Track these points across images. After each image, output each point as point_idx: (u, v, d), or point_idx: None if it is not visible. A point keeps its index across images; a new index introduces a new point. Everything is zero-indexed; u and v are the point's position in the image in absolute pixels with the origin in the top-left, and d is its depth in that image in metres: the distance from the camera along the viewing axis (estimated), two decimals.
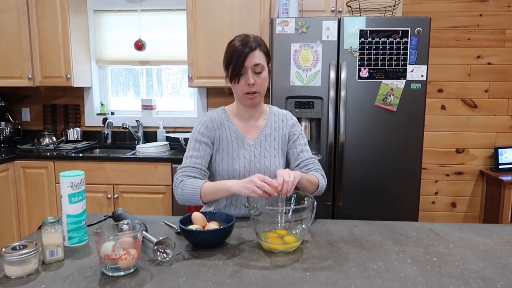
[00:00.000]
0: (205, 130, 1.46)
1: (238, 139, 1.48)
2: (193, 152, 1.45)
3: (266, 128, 1.51)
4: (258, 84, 1.39)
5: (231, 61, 1.38)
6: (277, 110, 1.57)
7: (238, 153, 1.46)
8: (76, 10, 3.01)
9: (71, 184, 1.15)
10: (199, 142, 1.45)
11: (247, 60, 1.36)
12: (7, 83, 2.98)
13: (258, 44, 1.38)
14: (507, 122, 3.13)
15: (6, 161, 2.70)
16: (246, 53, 1.35)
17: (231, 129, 1.49)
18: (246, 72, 1.37)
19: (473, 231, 1.32)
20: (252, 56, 1.36)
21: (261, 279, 0.97)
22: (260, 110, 1.52)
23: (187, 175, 1.41)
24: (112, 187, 2.72)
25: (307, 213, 1.15)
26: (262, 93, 1.44)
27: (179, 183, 1.40)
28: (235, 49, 1.37)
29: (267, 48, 1.43)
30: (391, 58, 2.25)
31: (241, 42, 1.37)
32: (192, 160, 1.43)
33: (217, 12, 2.76)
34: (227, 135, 1.48)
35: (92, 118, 3.33)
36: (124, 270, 0.98)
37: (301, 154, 1.52)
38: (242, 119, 1.51)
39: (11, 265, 0.96)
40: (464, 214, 3.24)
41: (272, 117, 1.54)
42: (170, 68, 3.36)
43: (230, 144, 1.47)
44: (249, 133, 1.50)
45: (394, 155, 2.32)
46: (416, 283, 0.95)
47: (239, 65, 1.36)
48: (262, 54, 1.40)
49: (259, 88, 1.41)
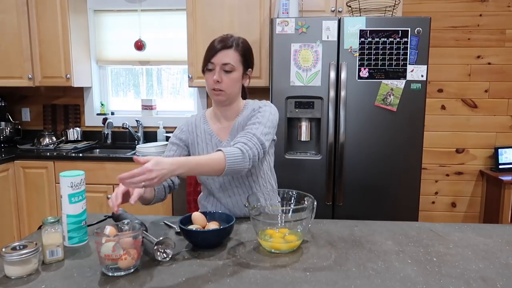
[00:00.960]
0: (179, 133, 1.53)
1: (212, 141, 1.48)
2: (166, 153, 1.52)
3: (234, 126, 1.46)
4: (225, 82, 1.38)
5: (204, 55, 1.41)
6: (253, 103, 1.48)
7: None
8: (76, 10, 3.01)
9: (71, 184, 1.15)
10: (172, 143, 1.52)
11: (216, 57, 1.37)
12: (7, 83, 2.98)
13: (235, 44, 1.39)
14: (507, 122, 3.13)
15: (6, 161, 2.70)
16: (217, 49, 1.37)
17: (206, 131, 1.49)
18: (214, 69, 1.39)
19: (473, 231, 1.32)
20: (223, 54, 1.37)
21: (261, 279, 0.97)
22: (235, 110, 1.48)
23: None
24: (112, 187, 2.72)
25: (307, 213, 1.15)
26: (229, 93, 1.40)
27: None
28: (211, 44, 1.40)
29: (246, 51, 1.42)
30: (391, 58, 2.25)
31: (219, 39, 1.40)
32: None
33: (217, 12, 2.76)
34: (201, 138, 1.49)
35: (92, 118, 3.33)
36: (124, 270, 0.98)
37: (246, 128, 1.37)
38: (217, 120, 1.50)
39: (11, 265, 0.96)
40: (464, 214, 3.24)
41: (245, 112, 1.47)
42: (170, 68, 3.36)
43: (205, 147, 1.48)
44: (221, 134, 1.49)
45: (394, 155, 2.32)
46: (416, 283, 0.95)
47: (208, 60, 1.39)
48: (236, 54, 1.39)
49: (225, 87, 1.39)
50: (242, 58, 1.41)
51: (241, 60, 1.41)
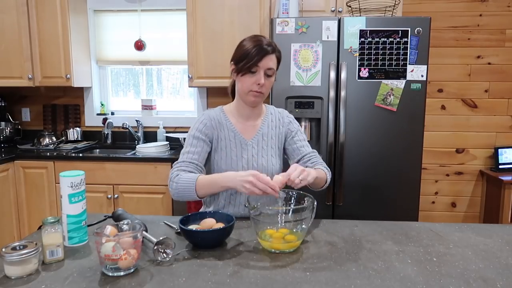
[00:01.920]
0: (204, 128, 1.46)
1: (236, 138, 1.48)
2: (190, 148, 1.44)
3: (263, 127, 1.52)
4: (265, 86, 1.41)
5: (245, 56, 1.37)
6: (273, 109, 1.59)
7: (236, 152, 1.47)
8: (76, 10, 3.01)
9: (71, 184, 1.15)
10: (197, 138, 1.45)
11: (263, 61, 1.37)
12: (7, 83, 2.98)
13: (274, 48, 1.41)
14: (507, 122, 3.13)
15: (6, 161, 2.70)
16: (264, 53, 1.37)
17: (229, 128, 1.49)
18: (258, 72, 1.38)
19: (473, 231, 1.32)
20: (269, 59, 1.38)
21: (261, 279, 0.97)
22: (259, 111, 1.53)
23: (182, 170, 1.39)
24: (112, 187, 2.72)
25: (307, 213, 1.15)
26: (266, 95, 1.46)
27: (175, 177, 1.36)
28: (253, 47, 1.37)
29: (280, 54, 1.46)
30: (391, 58, 2.25)
31: (259, 42, 1.38)
32: (189, 156, 1.42)
33: (217, 12, 2.76)
34: (225, 135, 1.48)
35: (92, 118, 3.33)
36: (124, 270, 0.98)
37: (302, 149, 1.54)
38: (241, 118, 1.51)
39: (11, 265, 0.96)
40: (464, 214, 3.24)
41: (269, 116, 1.55)
42: (170, 68, 3.36)
43: (229, 144, 1.48)
44: (246, 132, 1.50)
45: (394, 155, 2.32)
46: (416, 283, 0.95)
47: (254, 63, 1.36)
48: (275, 59, 1.42)
49: (265, 90, 1.43)
50: (277, 63, 1.45)
51: (277, 64, 1.45)
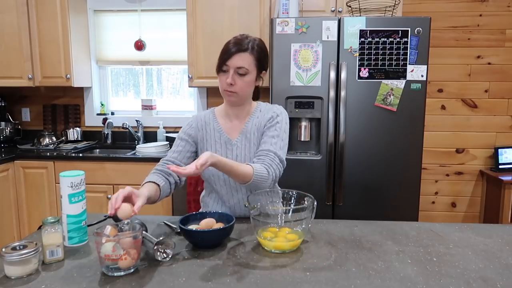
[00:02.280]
0: (188, 129, 1.52)
1: (222, 139, 1.48)
2: (174, 147, 1.51)
3: (247, 125, 1.48)
4: (238, 85, 1.39)
5: (220, 56, 1.40)
6: (265, 106, 1.52)
7: (221, 152, 1.47)
8: (76, 10, 3.01)
9: (71, 184, 1.15)
10: (181, 139, 1.51)
11: (231, 60, 1.37)
12: (7, 83, 2.98)
13: (251, 47, 1.38)
14: (507, 122, 3.13)
15: (6, 161, 2.70)
16: (232, 52, 1.37)
17: (215, 129, 1.50)
18: (228, 71, 1.39)
19: (473, 231, 1.32)
20: (238, 57, 1.37)
21: (261, 279, 0.97)
22: (246, 110, 1.51)
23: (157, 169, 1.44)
24: (112, 187, 2.72)
25: (307, 213, 1.15)
26: (242, 95, 1.43)
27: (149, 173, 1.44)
28: (227, 45, 1.40)
29: (261, 54, 1.42)
30: (391, 58, 2.25)
31: (235, 40, 1.39)
32: (170, 154, 1.49)
33: (217, 12, 2.76)
34: (211, 135, 1.49)
35: (92, 118, 3.33)
36: (124, 270, 0.98)
37: (262, 145, 1.42)
38: (228, 118, 1.51)
39: (11, 265, 0.96)
40: (464, 214, 3.24)
41: (257, 113, 1.50)
42: (170, 68, 3.36)
43: (214, 144, 1.49)
44: (232, 132, 1.49)
45: (394, 155, 2.32)
46: (416, 283, 0.95)
47: (223, 62, 1.39)
48: (251, 58, 1.38)
49: (239, 90, 1.40)
50: (257, 62, 1.41)
51: (255, 63, 1.41)
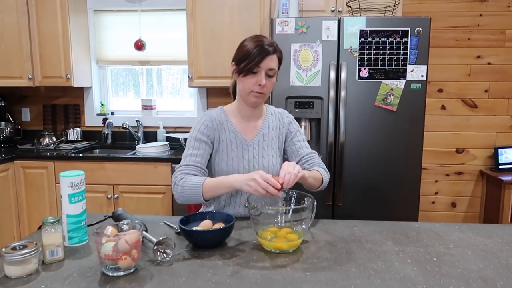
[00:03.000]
0: (205, 129, 1.46)
1: (237, 139, 1.48)
2: (193, 150, 1.43)
3: (263, 127, 1.52)
4: (267, 86, 1.41)
5: (247, 57, 1.36)
6: (273, 110, 1.59)
7: (237, 153, 1.47)
8: (76, 10, 3.01)
9: (71, 184, 1.15)
10: (199, 141, 1.44)
11: (264, 62, 1.36)
12: (7, 83, 2.98)
13: (276, 49, 1.41)
14: (507, 122, 3.13)
15: (6, 161, 2.70)
16: (265, 54, 1.36)
17: (230, 129, 1.49)
18: (259, 73, 1.38)
19: (473, 231, 1.32)
20: (270, 59, 1.38)
21: (261, 279, 0.97)
22: (260, 112, 1.53)
23: (187, 173, 1.39)
24: (112, 187, 2.72)
25: (307, 213, 1.15)
26: (267, 95, 1.46)
27: (179, 180, 1.36)
28: (254, 47, 1.36)
29: (282, 54, 1.45)
30: (391, 58, 2.25)
31: (260, 42, 1.37)
32: (192, 159, 1.42)
33: (217, 12, 2.76)
34: (226, 136, 1.48)
35: (92, 118, 3.33)
36: (124, 270, 0.98)
37: (301, 150, 1.54)
38: (242, 119, 1.51)
39: (11, 265, 0.96)
40: (464, 214, 3.24)
41: (270, 116, 1.55)
42: (170, 68, 3.36)
43: (229, 145, 1.47)
44: (247, 133, 1.50)
45: (394, 155, 2.32)
46: (416, 283, 0.95)
47: (255, 64, 1.36)
48: (277, 59, 1.42)
49: (266, 91, 1.42)
50: (279, 63, 1.44)
51: (278, 64, 1.44)
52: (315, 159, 1.54)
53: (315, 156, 1.54)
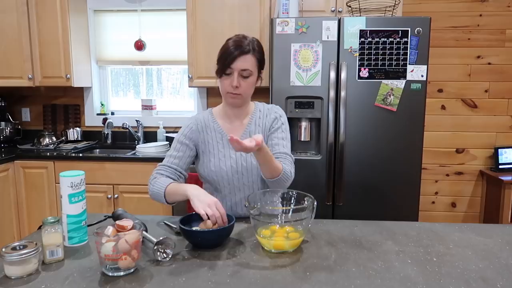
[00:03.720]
0: (189, 132, 1.49)
1: (223, 139, 1.49)
2: (173, 152, 1.49)
3: (250, 125, 1.51)
4: (242, 87, 1.40)
5: (221, 59, 1.39)
6: (263, 106, 1.56)
7: (224, 153, 1.47)
8: (76, 10, 3.01)
9: (71, 184, 1.15)
10: (181, 143, 1.49)
11: (235, 63, 1.36)
12: (7, 83, 2.98)
13: (252, 48, 1.38)
14: (507, 122, 3.13)
15: (6, 161, 2.70)
16: (236, 55, 1.35)
17: (216, 130, 1.50)
18: (232, 74, 1.38)
19: (473, 231, 1.32)
20: (242, 60, 1.36)
21: (261, 279, 0.97)
22: (246, 111, 1.52)
23: (161, 174, 1.45)
24: (112, 187, 2.72)
25: (307, 213, 1.15)
26: (245, 96, 1.44)
27: (152, 179, 1.44)
28: (228, 48, 1.37)
29: (261, 54, 1.43)
30: (391, 58, 2.25)
31: (236, 42, 1.38)
32: (170, 160, 1.47)
33: (217, 12, 2.76)
34: (212, 137, 1.49)
35: (92, 118, 3.33)
36: (124, 270, 0.98)
37: (275, 147, 1.46)
38: (228, 119, 1.52)
39: (11, 265, 0.96)
40: (464, 214, 3.24)
41: (257, 113, 1.53)
42: (170, 68, 3.36)
43: (216, 145, 1.48)
44: (233, 132, 1.50)
45: (394, 155, 2.32)
46: (416, 283, 0.95)
47: (227, 65, 1.37)
48: (253, 59, 1.39)
49: (242, 91, 1.41)
50: (258, 63, 1.42)
51: (257, 64, 1.42)
52: (285, 159, 1.44)
53: (287, 158, 1.45)
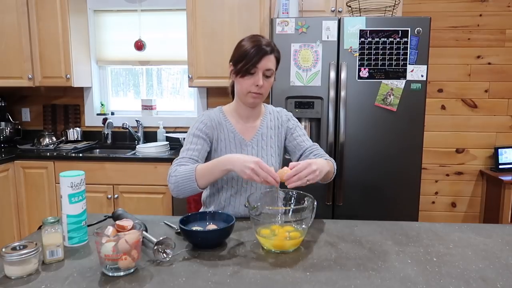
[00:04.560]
0: (204, 127, 1.45)
1: (236, 139, 1.48)
2: (190, 145, 1.42)
3: (262, 127, 1.52)
4: (264, 87, 1.40)
5: (243, 57, 1.36)
6: (272, 109, 1.58)
7: (236, 153, 1.46)
8: (76, 10, 3.01)
9: (71, 184, 1.15)
10: (197, 136, 1.43)
11: (262, 62, 1.36)
12: (7, 83, 2.98)
13: (273, 49, 1.40)
14: (507, 122, 3.13)
15: (6, 161, 2.70)
16: (262, 54, 1.35)
17: (228, 129, 1.49)
18: (257, 73, 1.37)
19: (473, 231, 1.32)
20: (267, 59, 1.37)
21: (261, 279, 0.97)
22: (258, 111, 1.53)
23: (182, 165, 1.37)
24: (112, 187, 2.72)
25: (307, 213, 1.15)
26: (265, 95, 1.45)
27: (173, 171, 1.34)
28: (252, 48, 1.35)
29: (279, 54, 1.44)
30: (391, 58, 2.25)
31: (257, 42, 1.37)
32: (189, 153, 1.40)
33: (217, 12, 2.76)
34: (225, 136, 1.48)
35: (92, 118, 3.33)
36: (124, 270, 0.98)
37: (302, 144, 1.53)
38: (240, 119, 1.51)
39: (11, 265, 0.96)
40: (464, 214, 3.24)
41: (268, 115, 1.55)
42: (170, 68, 3.36)
43: (228, 145, 1.47)
44: (246, 133, 1.50)
45: (394, 155, 2.32)
46: (416, 283, 0.95)
47: (252, 64, 1.35)
48: (274, 59, 1.41)
49: (264, 91, 1.42)
50: (277, 62, 1.43)
51: (276, 64, 1.43)
52: (319, 150, 1.53)
53: (318, 148, 1.54)
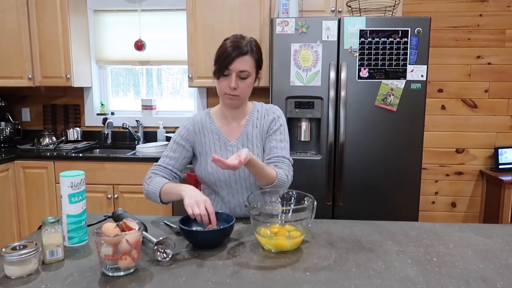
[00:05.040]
0: (186, 134, 1.49)
1: (221, 141, 1.48)
2: (169, 152, 1.49)
3: (247, 126, 1.49)
4: (240, 88, 1.38)
5: (218, 60, 1.37)
6: (261, 106, 1.53)
7: (221, 154, 1.46)
8: (76, 10, 3.01)
9: (71, 184, 1.15)
10: (177, 144, 1.49)
11: (234, 64, 1.34)
12: (7, 83, 2.98)
13: (250, 49, 1.37)
14: (507, 122, 3.13)
15: (6, 161, 2.70)
16: (234, 56, 1.34)
17: (213, 131, 1.49)
18: (230, 75, 1.36)
19: (473, 231, 1.32)
20: (240, 61, 1.35)
21: (261, 279, 0.97)
22: (243, 111, 1.50)
23: (156, 173, 1.47)
24: (112, 187, 2.72)
25: (307, 213, 1.15)
26: (243, 97, 1.42)
27: (147, 179, 1.45)
28: (226, 48, 1.35)
29: (259, 54, 1.41)
30: (391, 58, 2.25)
31: (234, 43, 1.36)
32: (166, 160, 1.48)
33: (217, 12, 2.76)
34: (209, 138, 1.48)
35: (92, 118, 3.33)
36: (124, 270, 0.98)
37: (274, 150, 1.45)
38: (225, 119, 1.50)
39: (11, 265, 0.96)
40: (464, 214, 3.24)
41: (255, 114, 1.50)
42: (170, 68, 3.36)
43: (213, 147, 1.47)
44: (231, 133, 1.49)
45: (394, 155, 2.32)
46: (416, 283, 0.95)
47: (224, 66, 1.35)
48: (251, 60, 1.38)
49: (240, 93, 1.39)
50: (256, 63, 1.41)
51: (255, 65, 1.40)
52: (281, 163, 1.43)
53: (285, 161, 1.44)
